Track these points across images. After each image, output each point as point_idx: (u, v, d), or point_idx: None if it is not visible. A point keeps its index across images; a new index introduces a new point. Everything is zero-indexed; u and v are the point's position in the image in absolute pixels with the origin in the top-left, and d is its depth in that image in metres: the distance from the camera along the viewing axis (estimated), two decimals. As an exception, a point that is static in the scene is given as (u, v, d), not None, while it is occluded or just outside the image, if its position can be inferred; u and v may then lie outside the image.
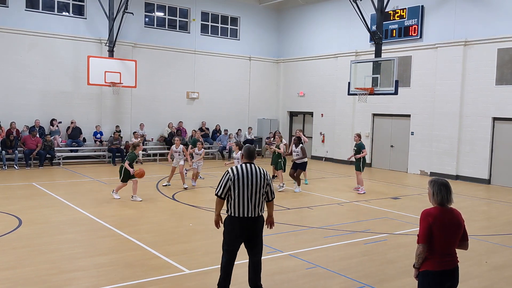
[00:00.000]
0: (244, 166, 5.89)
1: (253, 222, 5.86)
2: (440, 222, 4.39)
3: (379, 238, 9.27)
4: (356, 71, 16.43)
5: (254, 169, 5.88)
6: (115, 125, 21.39)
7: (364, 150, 14.76)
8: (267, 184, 5.91)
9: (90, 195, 13.20)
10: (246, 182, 5.78)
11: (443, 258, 4.45)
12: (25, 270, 7.00)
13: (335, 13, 23.12)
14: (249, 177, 5.81)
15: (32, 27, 19.62)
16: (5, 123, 18.94)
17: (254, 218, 5.85)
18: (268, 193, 5.96)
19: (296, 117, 26.43)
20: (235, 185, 5.76)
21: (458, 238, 4.54)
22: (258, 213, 5.86)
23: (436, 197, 4.49)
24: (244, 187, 5.76)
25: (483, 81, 17.45)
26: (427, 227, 4.40)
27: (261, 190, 5.84)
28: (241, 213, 5.79)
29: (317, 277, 7.07)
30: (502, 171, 17.14)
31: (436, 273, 4.44)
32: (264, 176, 5.90)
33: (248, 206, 5.78)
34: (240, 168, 5.85)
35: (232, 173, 5.81)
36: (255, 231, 5.93)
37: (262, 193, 5.86)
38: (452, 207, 4.54)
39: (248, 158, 6.05)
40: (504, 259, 8.17)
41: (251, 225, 5.86)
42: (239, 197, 5.77)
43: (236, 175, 5.80)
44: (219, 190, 5.85)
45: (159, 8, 23.20)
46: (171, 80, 23.16)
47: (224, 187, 5.81)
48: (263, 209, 5.95)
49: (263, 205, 5.96)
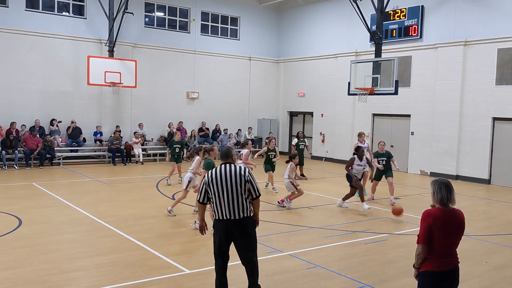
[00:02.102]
0: (219, 167, 5.69)
1: (237, 224, 5.62)
2: (441, 223, 4.38)
3: (379, 238, 9.27)
4: (356, 71, 16.43)
5: (229, 169, 5.64)
6: (115, 125, 21.39)
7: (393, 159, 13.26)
8: (245, 181, 5.61)
9: (90, 195, 13.20)
10: (222, 184, 5.57)
11: (442, 259, 4.44)
12: (25, 270, 7.00)
13: (335, 13, 23.12)
14: (225, 177, 5.59)
15: (32, 27, 19.62)
16: (5, 123, 18.94)
17: (238, 220, 5.60)
18: (251, 191, 5.67)
19: (296, 117, 26.43)
20: (211, 188, 5.61)
21: (459, 239, 4.53)
22: (241, 214, 5.60)
23: (436, 196, 4.48)
24: (220, 189, 5.57)
25: (483, 81, 17.45)
26: (427, 227, 4.39)
27: (239, 190, 5.57)
28: (223, 215, 5.60)
29: (317, 277, 7.07)
30: (502, 171, 17.13)
31: (435, 274, 4.44)
32: (241, 175, 5.61)
33: (228, 208, 5.57)
34: (215, 171, 5.67)
35: (207, 176, 5.67)
36: (242, 234, 5.68)
37: (241, 193, 5.58)
38: (455, 208, 4.52)
39: (224, 158, 5.82)
40: (504, 259, 8.17)
41: (235, 228, 5.63)
42: (218, 200, 5.59)
43: (210, 178, 5.63)
44: (198, 196, 5.78)
45: (159, 8, 23.20)
46: (171, 80, 23.16)
47: (201, 191, 5.72)
48: (248, 209, 5.67)
49: (248, 205, 5.67)
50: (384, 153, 13.15)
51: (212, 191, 5.62)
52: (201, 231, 5.99)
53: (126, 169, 19.11)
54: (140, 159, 20.69)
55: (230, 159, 5.78)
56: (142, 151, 21.20)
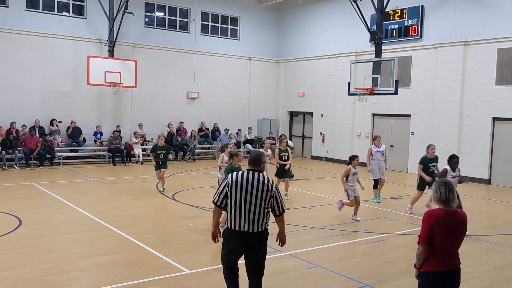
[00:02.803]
0: (246, 173, 5.21)
1: (251, 237, 5.15)
2: (443, 224, 4.38)
3: (379, 238, 9.27)
4: (356, 71, 16.43)
5: (257, 178, 5.14)
6: (115, 125, 21.39)
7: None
8: (270, 196, 5.15)
9: (90, 195, 13.20)
10: (245, 191, 5.09)
11: (443, 259, 4.44)
12: (25, 270, 7.00)
13: (335, 13, 23.12)
14: (251, 186, 5.10)
15: (32, 27, 19.62)
16: (5, 123, 18.94)
17: (253, 233, 5.14)
18: (274, 207, 5.22)
19: (296, 117, 26.43)
20: (232, 193, 5.12)
21: (461, 240, 4.53)
22: (258, 228, 5.13)
23: (435, 194, 4.50)
24: (243, 198, 5.09)
25: (483, 81, 17.45)
26: (428, 228, 4.40)
27: (262, 203, 5.10)
28: (238, 225, 5.13)
29: (317, 277, 7.07)
30: (502, 171, 17.13)
31: (436, 274, 4.44)
32: (268, 187, 5.13)
33: (246, 219, 5.10)
34: (241, 175, 5.18)
35: (230, 179, 5.18)
36: (254, 249, 5.22)
37: (264, 206, 5.12)
38: (457, 209, 4.52)
39: (252, 165, 5.28)
40: (504, 259, 8.17)
41: (252, 241, 5.17)
42: (236, 208, 5.11)
43: (234, 182, 5.14)
44: (216, 197, 5.26)
45: (159, 8, 23.21)
46: (171, 80, 23.16)
47: (221, 193, 5.21)
48: (266, 223, 5.23)
49: (266, 220, 5.22)
50: (434, 158, 11.43)
51: (232, 197, 5.14)
52: (213, 238, 5.46)
53: (126, 169, 19.10)
54: (140, 159, 20.68)
55: (258, 166, 5.26)
56: (142, 151, 21.20)
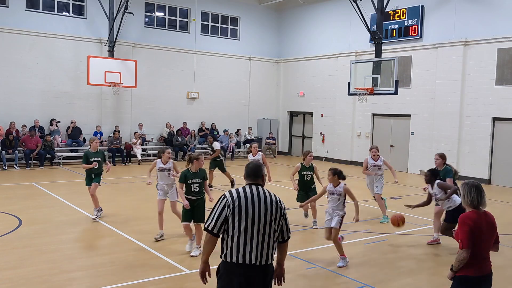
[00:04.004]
0: (248, 188, 4.10)
1: (261, 272, 4.02)
2: (479, 226, 4.36)
3: (379, 238, 9.27)
4: (356, 71, 16.44)
5: (263, 194, 4.09)
6: (115, 125, 21.39)
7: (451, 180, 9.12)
8: (281, 215, 4.10)
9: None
10: (251, 212, 3.98)
11: (482, 263, 4.42)
12: (25, 270, 7.01)
13: (335, 13, 23.12)
14: (256, 204, 4.01)
15: (32, 27, 19.63)
16: (5, 123, 18.94)
17: (261, 267, 4.01)
18: (283, 230, 4.15)
19: (296, 117, 26.43)
20: (235, 215, 3.97)
21: (492, 242, 4.53)
22: (267, 259, 4.03)
23: (467, 199, 4.46)
24: (248, 219, 3.97)
25: (483, 81, 17.46)
26: (469, 231, 4.32)
27: (272, 225, 4.04)
28: (242, 257, 3.96)
29: (317, 277, 7.07)
30: (502, 171, 17.14)
31: (475, 279, 4.40)
32: (277, 204, 4.10)
33: (252, 248, 3.96)
34: (243, 191, 4.06)
35: (230, 198, 4.02)
36: (263, 286, 4.07)
37: (274, 229, 4.07)
38: (486, 210, 4.52)
39: (253, 178, 4.20)
40: (504, 259, 8.17)
41: (257, 277, 4.01)
42: (240, 234, 3.96)
43: (237, 201, 4.00)
44: (211, 223, 4.01)
45: (159, 8, 23.21)
46: (171, 80, 23.16)
47: (219, 217, 3.99)
48: (274, 253, 4.16)
49: (275, 248, 4.14)
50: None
51: (236, 221, 3.98)
52: (202, 278, 4.20)
53: (126, 169, 19.11)
54: (138, 157, 20.70)
55: (260, 179, 4.20)
56: (142, 151, 21.21)
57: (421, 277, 7.35)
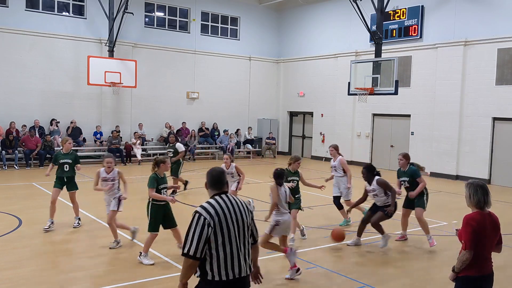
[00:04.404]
0: (220, 200, 3.88)
1: (246, 283, 3.98)
2: (483, 227, 4.34)
3: (379, 238, 9.25)
4: (356, 71, 16.44)
5: (235, 202, 3.94)
6: (115, 125, 21.39)
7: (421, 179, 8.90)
8: (251, 219, 4.06)
9: (90, 195, 13.15)
10: (231, 225, 3.81)
11: (484, 263, 4.42)
12: (25, 270, 7.01)
13: (335, 13, 23.12)
14: (233, 215, 3.85)
15: (32, 27, 19.63)
16: (5, 123, 18.94)
17: (247, 277, 3.96)
18: (254, 233, 4.11)
19: (296, 117, 26.43)
20: (218, 233, 3.74)
21: (496, 242, 4.52)
22: (249, 266, 3.99)
23: (473, 199, 4.41)
24: (230, 233, 3.79)
25: (483, 81, 17.46)
26: (472, 232, 4.31)
27: (248, 232, 3.98)
28: (231, 273, 3.79)
29: (317, 277, 7.07)
30: (502, 171, 17.14)
31: (477, 278, 4.40)
32: (248, 209, 4.03)
33: (240, 260, 3.85)
34: (218, 205, 3.82)
35: (208, 215, 3.75)
36: None
37: (249, 235, 4.02)
38: (490, 210, 4.49)
39: (218, 186, 3.97)
40: (504, 259, 8.16)
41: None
42: (226, 250, 3.77)
43: (216, 217, 3.75)
44: (191, 247, 3.69)
45: (159, 8, 23.21)
46: (171, 80, 23.16)
47: (200, 239, 3.69)
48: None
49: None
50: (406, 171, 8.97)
51: (219, 239, 3.76)
52: None
53: (126, 169, 19.09)
54: (138, 158, 20.71)
55: (226, 186, 4.03)
56: (142, 151, 21.22)
57: (422, 277, 7.35)
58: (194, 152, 22.52)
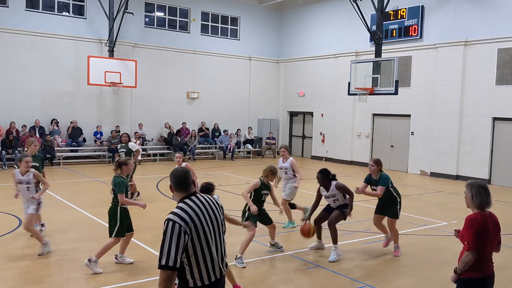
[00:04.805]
0: (191, 202, 3.59)
1: (224, 282, 3.83)
2: (485, 228, 4.32)
3: (379, 238, 9.25)
4: (356, 71, 16.44)
5: (206, 202, 3.68)
6: (115, 125, 21.40)
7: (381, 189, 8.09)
8: (223, 214, 3.91)
9: (90, 195, 13.20)
10: (207, 227, 3.57)
11: (486, 264, 4.41)
12: (25, 270, 7.01)
13: (335, 13, 23.13)
14: (207, 216, 3.61)
15: (32, 27, 19.63)
16: (5, 123, 18.94)
17: (223, 277, 3.81)
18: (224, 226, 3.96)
19: (296, 117, 26.43)
20: (195, 240, 3.49)
21: (496, 242, 4.51)
22: (226, 264, 3.84)
23: (476, 200, 4.37)
24: (207, 236, 3.55)
25: (483, 81, 17.46)
26: (475, 233, 4.27)
27: (222, 229, 3.80)
28: (213, 275, 3.62)
29: (318, 277, 7.07)
30: (502, 171, 17.14)
31: (480, 280, 4.39)
32: (219, 205, 3.83)
33: (219, 261, 3.67)
34: (190, 209, 3.54)
35: (183, 222, 3.44)
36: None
37: (223, 232, 3.82)
38: (490, 211, 4.47)
39: (187, 187, 3.68)
40: (504, 259, 8.16)
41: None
42: (205, 255, 3.54)
43: (192, 223, 3.46)
44: (170, 258, 3.45)
45: (159, 8, 23.21)
46: (171, 80, 23.17)
47: (177, 248, 3.43)
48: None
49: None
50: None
51: (197, 246, 3.51)
52: None
53: (126, 169, 19.07)
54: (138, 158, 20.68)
55: (193, 186, 3.74)
56: (142, 151, 21.19)
57: (422, 277, 7.35)
58: (194, 152, 22.52)
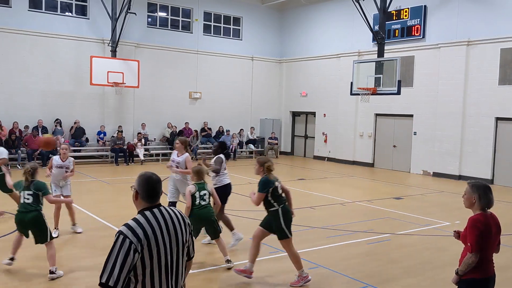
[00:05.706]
0: (151, 216, 3.18)
1: None
2: (488, 229, 4.31)
3: (381, 238, 9.25)
4: (358, 71, 16.43)
5: (169, 217, 3.23)
6: (117, 125, 21.43)
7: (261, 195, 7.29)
8: (189, 234, 3.36)
9: (92, 195, 13.22)
10: (163, 247, 3.12)
11: (488, 265, 4.40)
12: (25, 270, 7.02)
13: (338, 13, 23.11)
14: (166, 235, 3.15)
15: (35, 27, 19.67)
16: (8, 123, 18.99)
17: None
18: (190, 248, 3.43)
19: (298, 117, 26.42)
20: (146, 259, 3.04)
21: (497, 242, 4.50)
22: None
23: (483, 201, 4.34)
24: (161, 257, 3.11)
25: (486, 81, 17.42)
26: (479, 234, 4.25)
27: (184, 250, 3.31)
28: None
29: (320, 277, 7.06)
30: (505, 171, 17.09)
31: (483, 280, 4.38)
32: (185, 222, 3.33)
33: (170, 282, 3.18)
34: (147, 224, 3.12)
35: (135, 238, 3.02)
36: None
37: (185, 254, 3.34)
38: (491, 211, 4.46)
39: (154, 198, 3.27)
40: (505, 259, 8.13)
41: None
42: (154, 278, 3.09)
43: (145, 240, 3.04)
44: (112, 276, 2.94)
45: (162, 8, 23.24)
46: (173, 80, 23.19)
47: (123, 267, 2.96)
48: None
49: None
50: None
51: (147, 266, 3.06)
52: None
53: (128, 169, 19.13)
54: (141, 158, 20.74)
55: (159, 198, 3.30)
56: (145, 151, 21.25)
57: (424, 277, 7.33)
58: (196, 152, 22.52)
